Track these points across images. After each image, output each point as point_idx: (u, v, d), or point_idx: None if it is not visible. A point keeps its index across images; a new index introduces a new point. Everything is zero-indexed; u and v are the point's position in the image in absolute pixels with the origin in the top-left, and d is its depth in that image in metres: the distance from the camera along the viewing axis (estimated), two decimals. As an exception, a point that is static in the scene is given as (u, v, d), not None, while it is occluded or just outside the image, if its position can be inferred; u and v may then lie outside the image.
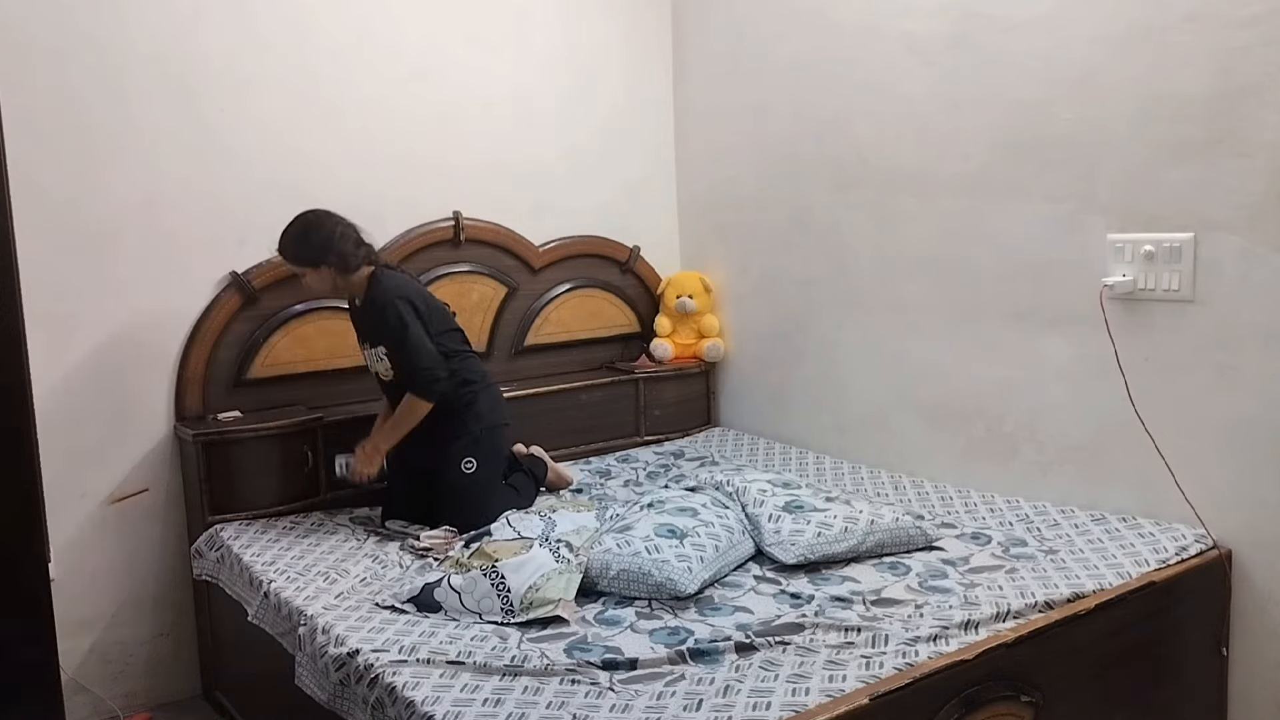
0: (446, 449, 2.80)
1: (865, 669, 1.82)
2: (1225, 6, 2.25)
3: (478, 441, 2.82)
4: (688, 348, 3.76)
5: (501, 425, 2.93)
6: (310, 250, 2.71)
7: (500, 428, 2.92)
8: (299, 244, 2.72)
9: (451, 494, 2.78)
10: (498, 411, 2.93)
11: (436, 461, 2.81)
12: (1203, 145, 2.32)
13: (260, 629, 2.37)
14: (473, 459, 2.80)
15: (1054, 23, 2.58)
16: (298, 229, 2.73)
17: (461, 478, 2.78)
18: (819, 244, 3.34)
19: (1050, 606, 2.07)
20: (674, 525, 2.37)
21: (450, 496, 2.77)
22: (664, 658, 1.91)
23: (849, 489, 2.99)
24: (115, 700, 2.94)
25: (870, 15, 3.05)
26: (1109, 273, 2.51)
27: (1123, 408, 2.49)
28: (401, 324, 2.70)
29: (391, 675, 1.87)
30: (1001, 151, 2.75)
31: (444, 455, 2.80)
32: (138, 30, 2.85)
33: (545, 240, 3.60)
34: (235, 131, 3.00)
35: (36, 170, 2.70)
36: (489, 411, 2.88)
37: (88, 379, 2.86)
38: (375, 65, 3.22)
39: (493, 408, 2.91)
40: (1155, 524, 2.45)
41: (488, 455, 2.85)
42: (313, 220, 2.73)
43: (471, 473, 2.79)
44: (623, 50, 3.73)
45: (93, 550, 2.91)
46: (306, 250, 2.71)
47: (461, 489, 2.78)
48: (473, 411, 2.84)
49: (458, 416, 2.82)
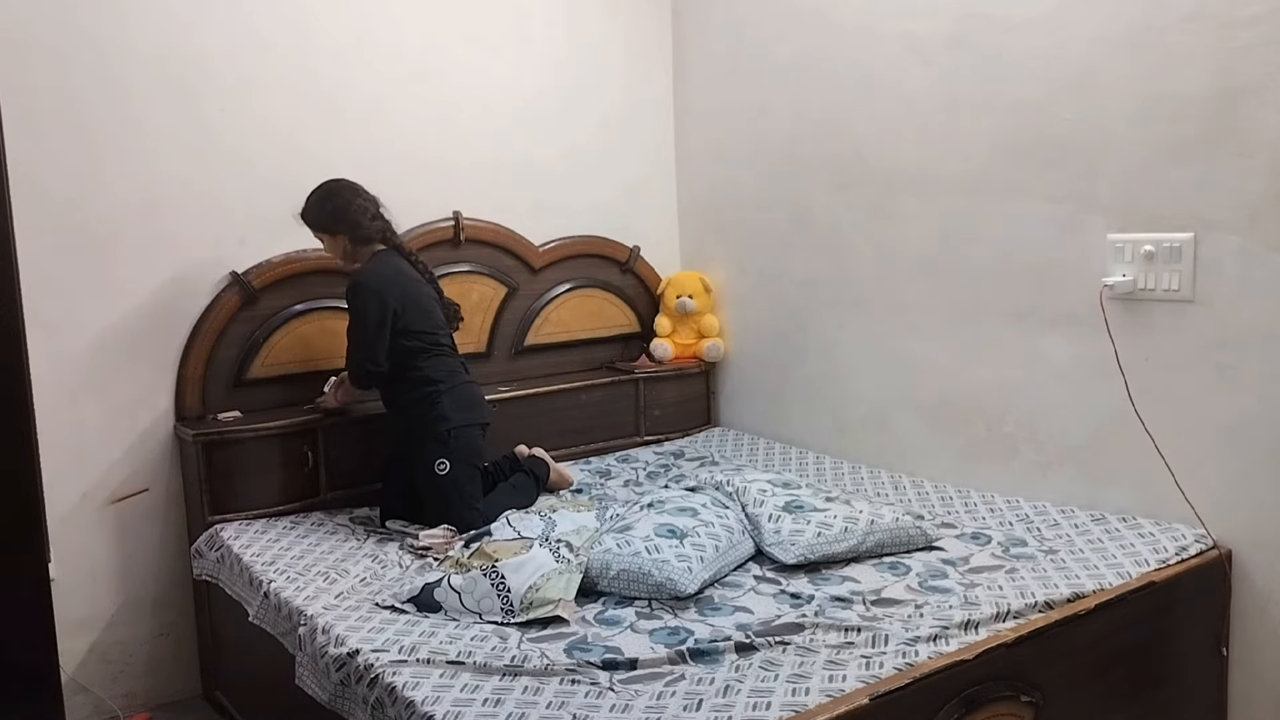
0: (418, 452, 2.80)
1: (865, 669, 1.82)
2: (1225, 6, 2.25)
3: (446, 442, 2.78)
4: (688, 348, 3.76)
5: (473, 424, 2.86)
6: (325, 216, 2.81)
7: (471, 426, 2.85)
8: (318, 208, 2.82)
9: (432, 496, 2.78)
10: (469, 410, 2.86)
11: (413, 464, 2.81)
12: (1203, 145, 2.32)
13: (260, 629, 2.37)
14: (444, 460, 2.76)
15: (1054, 23, 2.58)
16: (319, 193, 2.83)
17: (435, 479, 2.76)
18: (819, 244, 3.34)
19: (1050, 606, 2.07)
20: (674, 525, 2.37)
21: (432, 499, 2.78)
22: (664, 658, 1.91)
23: (849, 489, 2.99)
24: (115, 700, 2.93)
25: (870, 15, 3.05)
26: (1109, 273, 2.51)
27: (1123, 408, 2.49)
28: (357, 311, 2.77)
29: (391, 675, 1.87)
30: (1001, 151, 2.75)
31: (417, 458, 2.80)
32: (138, 30, 2.85)
33: (545, 240, 3.60)
34: (235, 131, 3.00)
35: (36, 170, 2.70)
36: (456, 411, 2.82)
37: (88, 379, 2.86)
38: (375, 65, 3.22)
39: (463, 406, 2.84)
40: (1155, 524, 2.45)
41: (460, 454, 2.79)
42: (334, 188, 2.83)
43: (445, 473, 2.76)
44: (623, 50, 3.73)
45: (93, 550, 2.91)
46: (322, 215, 2.82)
47: (438, 491, 2.77)
48: (437, 412, 2.79)
49: (422, 418, 2.80)
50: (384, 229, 2.87)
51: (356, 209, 2.81)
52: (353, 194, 2.82)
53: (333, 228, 2.82)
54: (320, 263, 3.07)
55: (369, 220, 2.83)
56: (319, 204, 2.82)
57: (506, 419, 3.31)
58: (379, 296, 2.76)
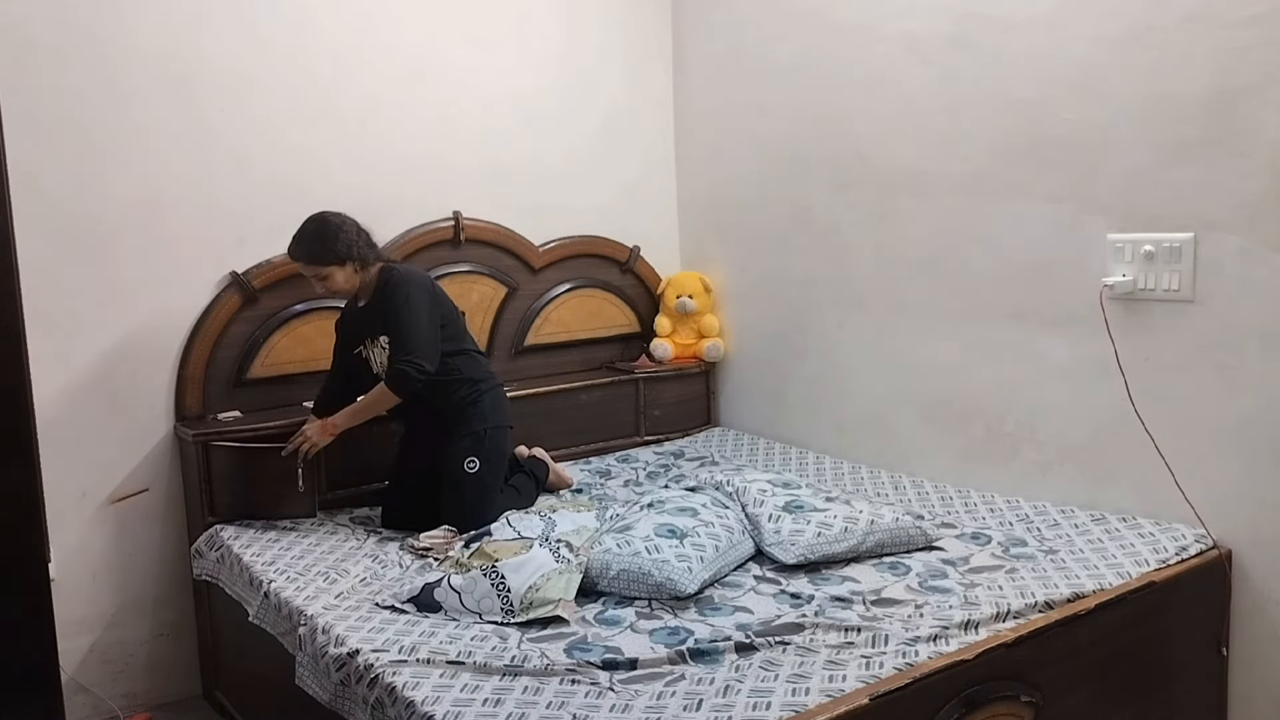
0: (450, 447, 2.80)
1: (865, 669, 1.82)
2: (1225, 6, 2.25)
3: (482, 441, 2.82)
4: (688, 348, 3.76)
5: (506, 426, 2.92)
6: (336, 247, 2.70)
7: (504, 429, 2.91)
8: (321, 244, 2.71)
9: (454, 492, 2.77)
10: (502, 412, 2.93)
11: (440, 459, 2.80)
12: (1203, 145, 2.32)
13: (260, 629, 2.37)
14: (475, 458, 2.79)
15: (1054, 23, 2.58)
16: (316, 229, 2.72)
17: (465, 476, 2.78)
18: (819, 244, 3.34)
19: (1050, 606, 2.07)
20: (674, 525, 2.37)
21: (452, 494, 2.77)
22: (664, 658, 1.91)
23: (849, 489, 2.99)
24: (115, 700, 2.93)
25: (870, 15, 3.05)
26: (1109, 273, 2.51)
27: (1123, 408, 2.49)
28: (408, 302, 2.69)
29: (391, 675, 1.87)
30: (1001, 151, 2.75)
31: (447, 453, 2.80)
32: (138, 30, 2.85)
33: (545, 240, 3.60)
34: (235, 131, 3.00)
35: (36, 170, 2.70)
36: (494, 411, 2.88)
37: (88, 379, 2.86)
38: (375, 65, 3.22)
39: (497, 408, 2.91)
40: (1155, 524, 2.45)
41: (491, 455, 2.84)
42: (330, 220, 2.73)
43: (474, 472, 2.78)
44: (623, 50, 3.73)
45: (93, 550, 2.91)
46: (331, 248, 2.70)
47: (463, 488, 2.77)
48: (477, 410, 2.83)
49: (462, 414, 2.82)
50: (378, 250, 2.82)
51: (358, 233, 2.74)
52: (347, 222, 2.74)
53: (344, 258, 2.71)
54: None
55: (368, 244, 2.77)
56: (320, 239, 2.70)
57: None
58: (424, 290, 2.73)
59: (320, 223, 2.73)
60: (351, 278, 2.76)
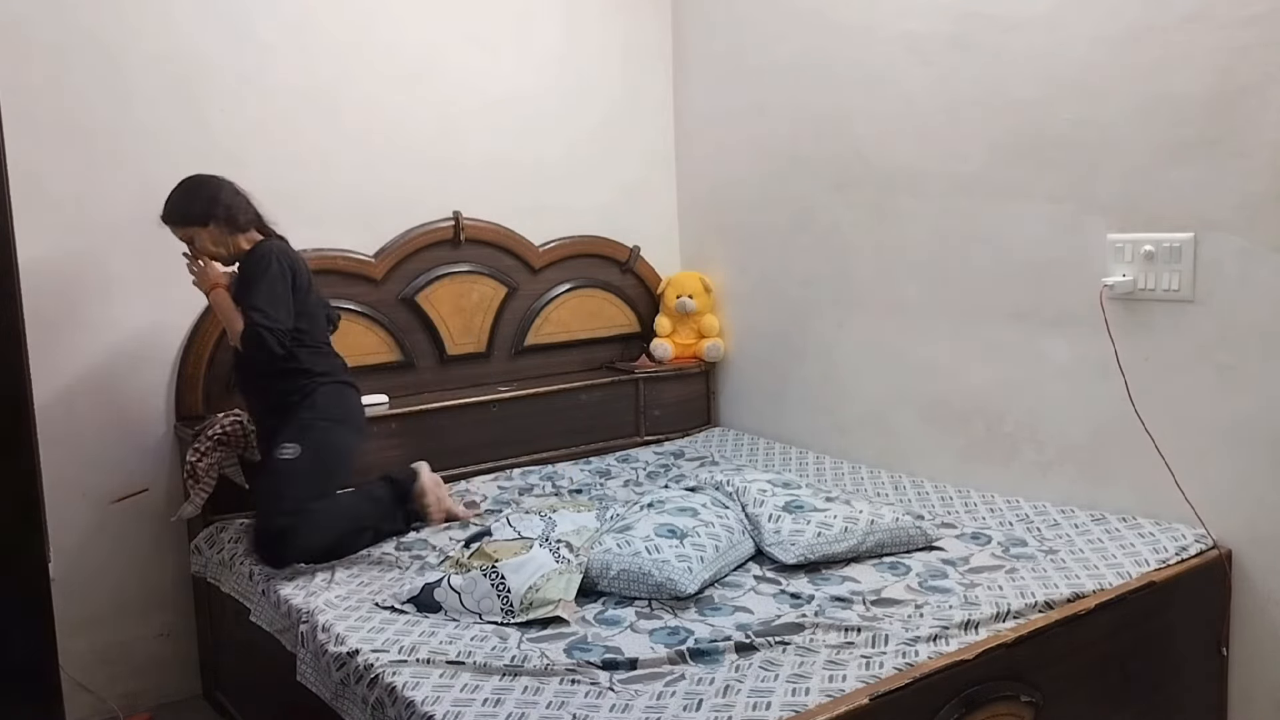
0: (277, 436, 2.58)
1: (865, 669, 1.82)
2: (1225, 6, 2.25)
3: (305, 431, 2.55)
4: (688, 348, 3.76)
5: (342, 423, 2.65)
6: (199, 204, 2.56)
7: (340, 425, 2.63)
8: (187, 200, 2.57)
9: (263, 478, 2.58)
10: (343, 409, 2.67)
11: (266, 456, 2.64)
12: (1203, 145, 2.32)
13: (260, 629, 2.37)
14: (296, 445, 2.51)
15: (1054, 23, 2.58)
16: (183, 187, 2.60)
17: (277, 463, 2.51)
18: (819, 244, 3.34)
19: (1050, 606, 2.07)
20: (674, 525, 2.37)
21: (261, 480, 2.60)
22: (664, 658, 1.90)
23: (849, 489, 2.99)
24: (115, 700, 2.93)
25: (870, 15, 3.05)
26: (1109, 273, 2.51)
27: (1123, 408, 2.49)
28: (265, 268, 2.52)
29: (391, 675, 1.87)
30: (1001, 151, 2.75)
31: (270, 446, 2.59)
32: (138, 30, 2.85)
33: (545, 240, 3.60)
34: (235, 132, 3.00)
35: (36, 170, 2.70)
36: (329, 406, 2.63)
37: (88, 379, 2.86)
38: (375, 65, 3.22)
39: (336, 404, 2.65)
40: (1155, 524, 2.45)
41: (319, 448, 2.55)
42: (198, 179, 2.61)
43: (288, 458, 2.49)
44: (623, 50, 3.73)
45: (93, 550, 2.91)
46: (195, 205, 2.57)
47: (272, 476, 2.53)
48: (308, 403, 2.59)
49: (290, 410, 2.60)
50: (259, 220, 2.67)
51: (228, 193, 2.59)
52: (219, 182, 2.60)
53: (206, 216, 2.55)
54: (319, 263, 3.06)
55: (245, 204, 2.62)
56: (186, 196, 2.57)
57: (507, 419, 3.31)
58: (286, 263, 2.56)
59: (188, 182, 2.60)
60: (221, 239, 2.60)
